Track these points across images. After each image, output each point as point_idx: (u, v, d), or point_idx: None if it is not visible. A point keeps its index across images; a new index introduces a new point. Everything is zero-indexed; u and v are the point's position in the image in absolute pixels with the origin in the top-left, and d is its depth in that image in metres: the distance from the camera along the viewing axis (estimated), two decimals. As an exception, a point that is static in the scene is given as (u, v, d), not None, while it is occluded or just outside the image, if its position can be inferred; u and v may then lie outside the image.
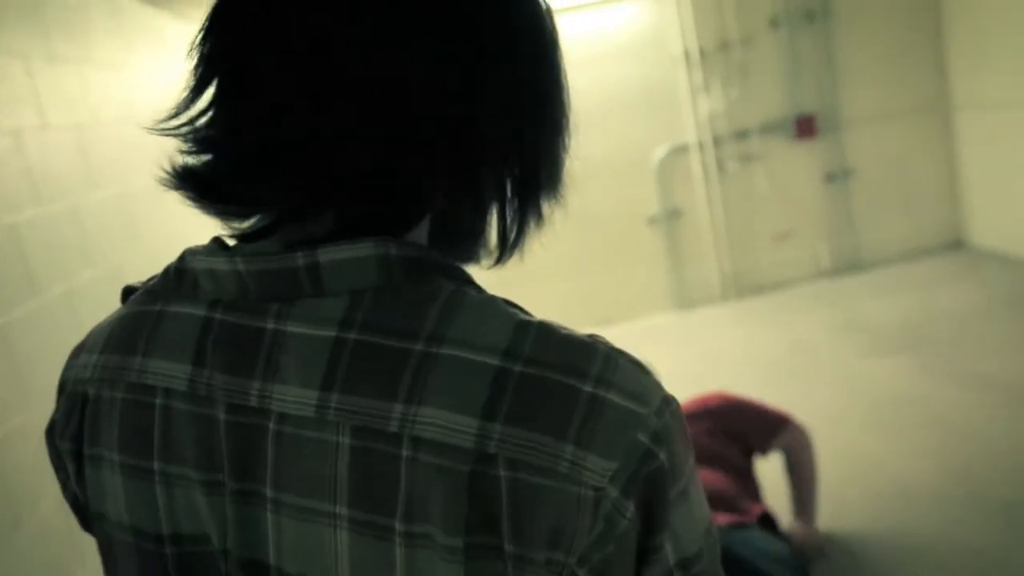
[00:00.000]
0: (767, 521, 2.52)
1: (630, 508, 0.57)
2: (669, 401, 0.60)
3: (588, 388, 0.58)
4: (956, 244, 5.66)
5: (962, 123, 5.48)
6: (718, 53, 5.27)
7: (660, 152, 5.39)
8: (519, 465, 0.56)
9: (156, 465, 0.66)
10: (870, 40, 5.39)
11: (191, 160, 0.65)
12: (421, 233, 0.68)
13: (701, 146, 5.37)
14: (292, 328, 0.62)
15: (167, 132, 0.66)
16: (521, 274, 5.31)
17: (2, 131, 1.99)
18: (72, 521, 0.81)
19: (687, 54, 5.25)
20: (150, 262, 2.76)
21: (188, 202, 0.65)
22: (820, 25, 5.32)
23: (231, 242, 0.67)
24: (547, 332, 0.61)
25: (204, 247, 0.67)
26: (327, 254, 0.61)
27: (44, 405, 0.86)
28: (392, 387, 0.58)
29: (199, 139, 0.65)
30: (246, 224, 0.66)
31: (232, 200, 0.64)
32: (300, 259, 0.61)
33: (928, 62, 5.47)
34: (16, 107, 2.10)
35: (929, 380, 3.84)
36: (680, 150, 5.40)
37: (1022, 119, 4.95)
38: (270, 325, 0.63)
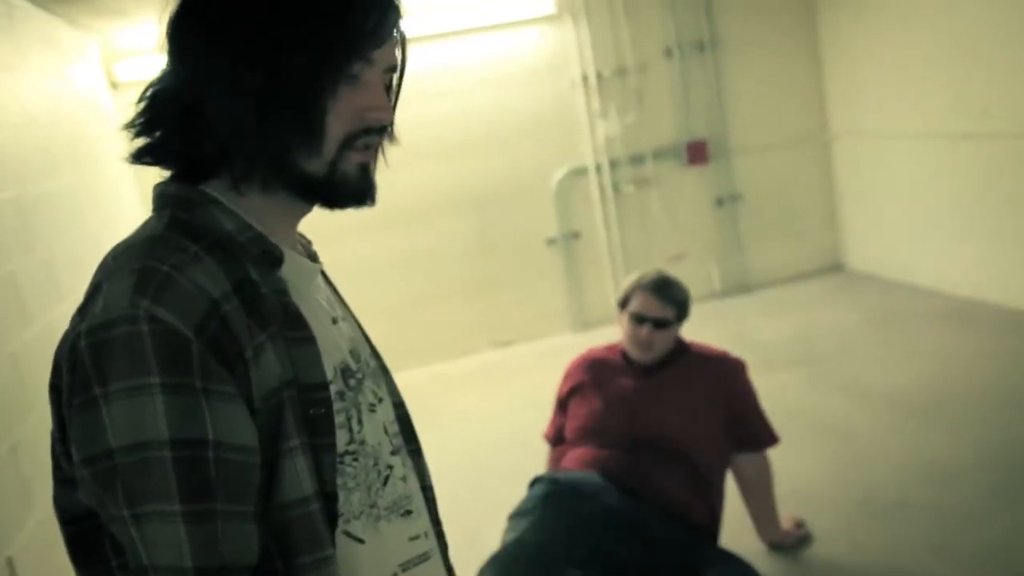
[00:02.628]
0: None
1: (66, 369, 0.84)
2: (104, 327, 0.82)
3: (101, 282, 0.86)
4: (836, 267, 5.98)
5: (839, 152, 5.82)
6: (615, 79, 5.45)
7: (559, 175, 5.51)
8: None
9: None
10: (756, 72, 5.67)
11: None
12: (224, 180, 0.93)
13: (598, 169, 5.52)
14: None
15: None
16: (422, 294, 5.34)
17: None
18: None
19: (585, 79, 5.40)
20: (44, 269, 2.64)
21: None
22: (710, 56, 5.57)
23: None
24: (119, 250, 0.90)
25: None
26: (154, 187, 0.95)
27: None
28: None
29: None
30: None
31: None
32: (153, 188, 0.95)
33: (809, 93, 5.80)
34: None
35: (817, 392, 4.04)
36: (578, 173, 5.54)
37: (892, 148, 5.31)
38: None
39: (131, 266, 0.83)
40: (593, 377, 2.71)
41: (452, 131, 5.24)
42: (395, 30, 0.94)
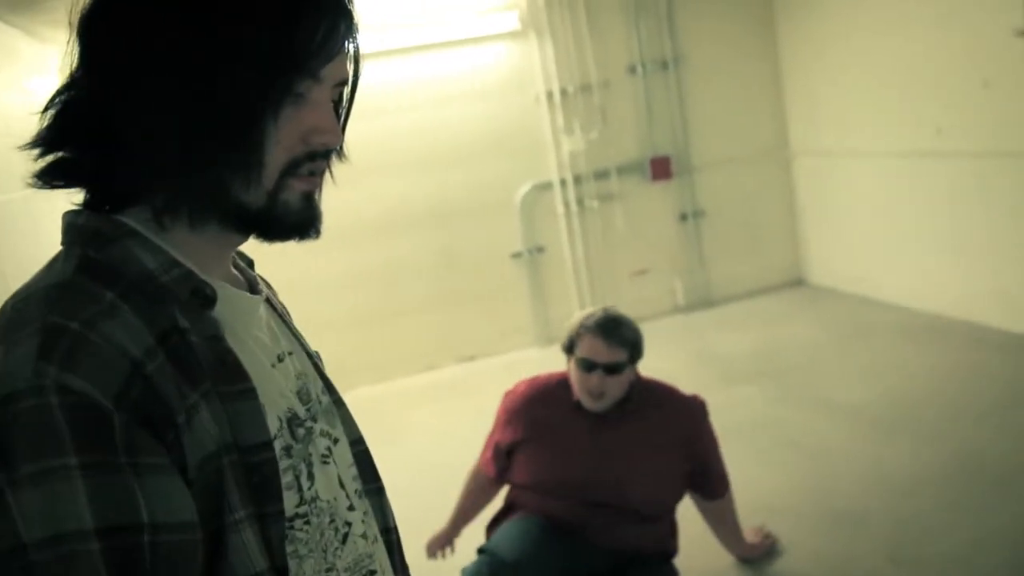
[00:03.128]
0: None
1: None
2: (4, 402, 0.67)
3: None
4: (797, 282, 6.05)
5: (799, 169, 5.90)
6: (579, 95, 5.48)
7: (523, 190, 5.52)
8: None
9: None
10: (718, 89, 5.74)
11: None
12: (145, 208, 0.80)
13: (563, 184, 5.54)
14: None
15: None
16: (385, 309, 5.29)
17: None
18: None
19: (549, 95, 5.42)
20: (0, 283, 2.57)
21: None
22: (673, 73, 5.62)
23: None
24: (19, 299, 0.75)
25: None
26: (63, 216, 0.81)
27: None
28: None
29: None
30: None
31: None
32: (63, 217, 0.82)
33: (770, 111, 5.88)
34: None
35: (780, 405, 4.07)
36: (543, 188, 5.55)
37: (850, 165, 5.39)
38: None
39: (33, 324, 0.69)
40: (541, 426, 2.46)
41: (417, 145, 5.23)
42: (348, 41, 0.82)
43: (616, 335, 2.38)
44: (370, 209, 5.07)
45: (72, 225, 0.80)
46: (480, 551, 2.37)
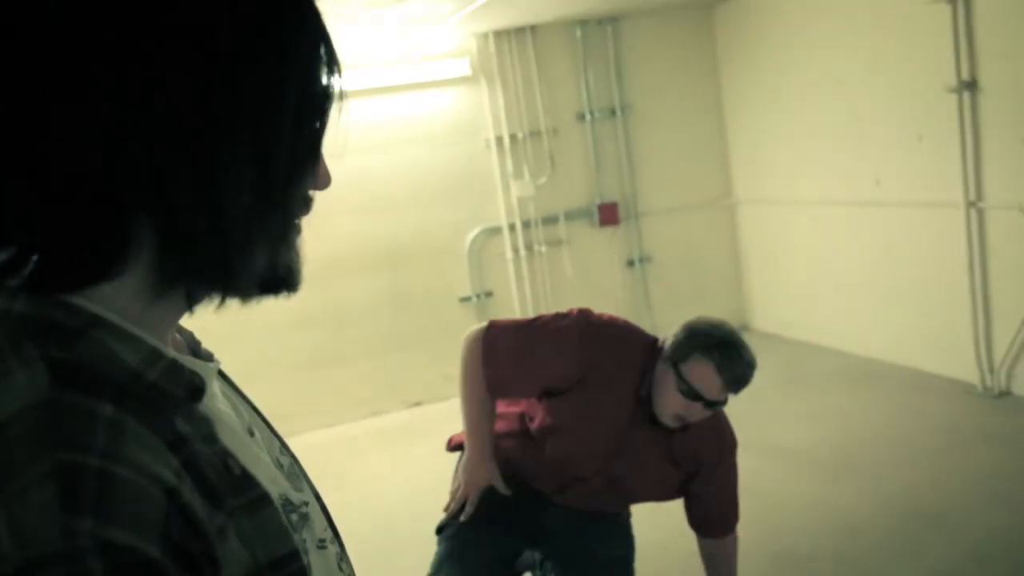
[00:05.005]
0: None
1: None
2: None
3: None
4: (741, 328, 6.14)
5: (743, 217, 6.03)
6: (529, 141, 5.54)
7: (472, 234, 5.53)
8: None
9: None
10: (665, 137, 5.86)
11: None
12: (136, 277, 0.61)
13: (512, 229, 5.57)
14: None
15: None
16: (331, 353, 5.19)
17: None
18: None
19: (499, 140, 5.48)
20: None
21: None
22: (621, 121, 5.73)
23: None
24: None
25: None
26: None
27: None
28: None
29: None
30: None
31: None
32: None
33: (714, 159, 6.01)
34: None
35: (726, 450, 4.10)
36: (492, 232, 5.57)
37: (792, 214, 5.52)
38: None
39: (36, 466, 0.52)
40: (596, 390, 2.18)
41: (367, 188, 5.23)
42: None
43: (738, 378, 2.09)
44: (318, 251, 5.01)
45: (5, 314, 0.59)
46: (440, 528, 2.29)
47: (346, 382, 5.28)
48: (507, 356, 2.23)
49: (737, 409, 4.49)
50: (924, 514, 3.22)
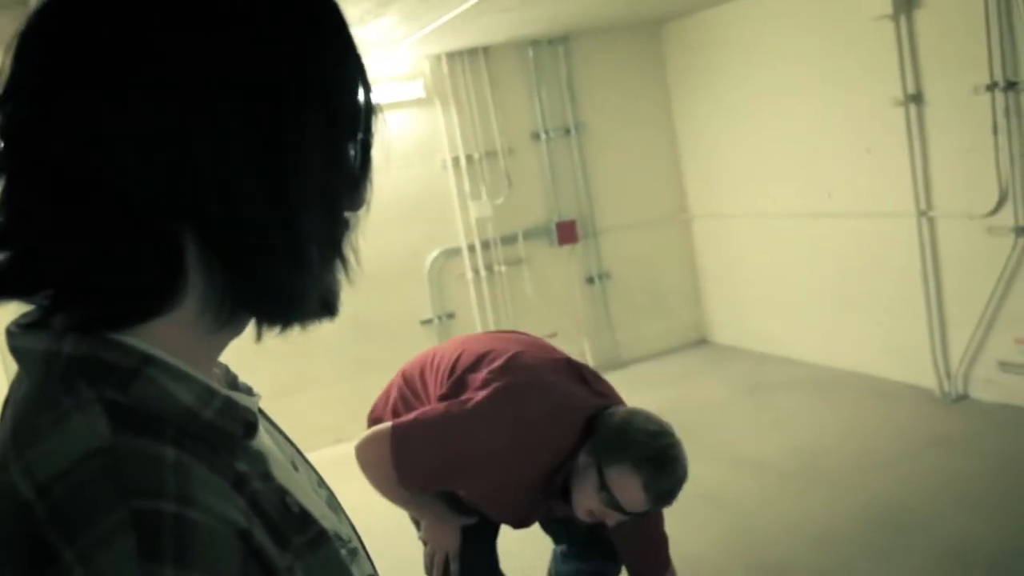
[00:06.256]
0: None
1: None
2: None
3: (58, 551, 0.51)
4: (701, 341, 6.20)
5: (698, 231, 6.10)
6: (485, 161, 5.54)
7: (432, 255, 5.51)
8: None
9: None
10: (619, 154, 5.91)
11: None
12: (189, 310, 0.60)
13: (471, 250, 5.56)
14: None
15: None
16: (291, 380, 5.11)
17: None
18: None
19: (456, 161, 5.47)
20: None
21: None
22: (575, 139, 5.77)
23: None
24: (42, 480, 0.53)
25: None
26: (16, 340, 0.59)
27: None
28: None
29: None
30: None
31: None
32: (11, 339, 0.59)
33: (668, 175, 6.08)
34: None
35: (693, 463, 4.08)
36: (451, 254, 5.56)
37: (746, 227, 5.60)
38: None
39: (111, 514, 0.50)
40: (507, 474, 2.02)
41: (323, 213, 5.17)
42: None
43: (663, 495, 1.95)
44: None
45: (54, 356, 0.57)
46: None
47: (307, 410, 5.20)
48: (425, 468, 2.00)
49: (700, 421, 4.56)
50: (894, 519, 3.26)
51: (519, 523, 2.25)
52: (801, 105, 4.92)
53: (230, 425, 0.61)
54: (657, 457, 1.91)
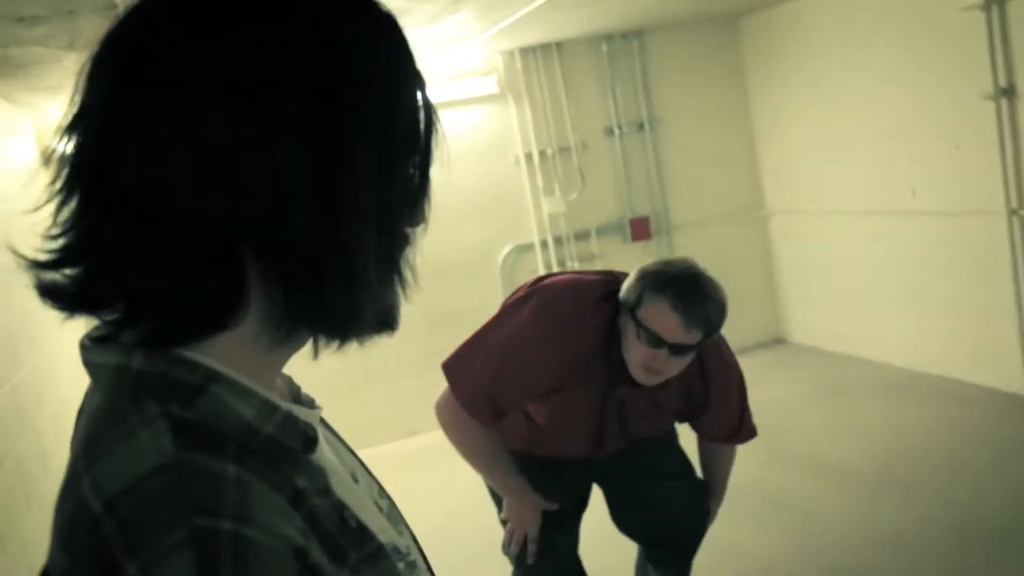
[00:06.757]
0: None
1: None
2: None
3: (114, 564, 0.52)
4: (778, 340, 6.07)
5: (776, 228, 5.97)
6: (558, 157, 5.53)
7: (505, 251, 5.52)
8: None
9: None
10: (694, 149, 5.82)
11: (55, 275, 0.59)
12: (250, 326, 0.60)
13: (544, 246, 5.55)
14: None
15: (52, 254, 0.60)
16: (367, 373, 5.18)
17: None
18: None
19: (529, 157, 5.47)
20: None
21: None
22: (649, 134, 5.70)
23: None
24: (110, 494, 0.55)
25: None
26: (89, 354, 0.61)
27: None
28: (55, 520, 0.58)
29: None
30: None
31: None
32: (84, 353, 0.61)
33: (745, 170, 5.96)
34: None
35: (766, 466, 4.04)
36: (524, 249, 5.56)
37: (826, 224, 5.46)
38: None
39: (172, 531, 0.52)
40: (579, 375, 2.04)
41: (397, 208, 5.23)
42: None
43: (699, 315, 1.91)
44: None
45: (124, 371, 0.59)
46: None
47: (382, 401, 5.28)
48: (480, 380, 2.06)
49: (774, 423, 4.47)
50: (975, 530, 3.14)
51: (595, 440, 2.20)
52: (884, 99, 4.77)
53: (290, 440, 0.62)
54: (677, 277, 1.94)
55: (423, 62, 0.66)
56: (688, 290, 1.91)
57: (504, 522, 2.27)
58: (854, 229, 5.24)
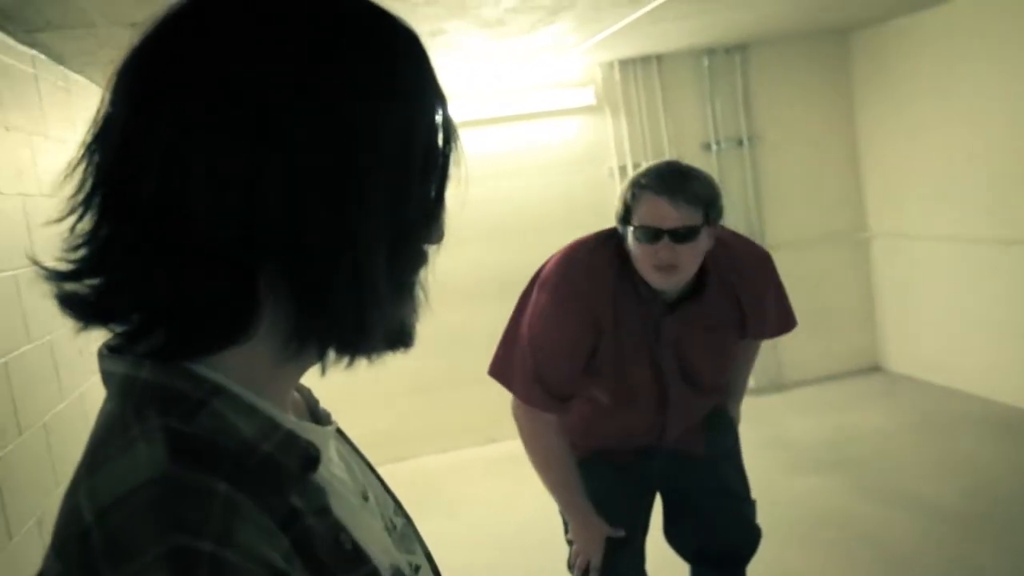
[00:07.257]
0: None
1: None
2: None
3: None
4: (874, 368, 5.85)
5: (878, 251, 5.76)
6: (652, 171, 5.47)
7: (593, 263, 5.49)
8: None
9: None
10: (793, 167, 5.68)
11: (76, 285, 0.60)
12: (262, 341, 0.60)
13: (633, 259, 5.50)
14: None
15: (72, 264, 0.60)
16: (448, 378, 5.18)
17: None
18: None
19: (623, 169, 5.44)
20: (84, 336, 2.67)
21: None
22: (748, 151, 5.59)
23: None
24: (104, 505, 0.55)
25: None
26: (104, 362, 0.62)
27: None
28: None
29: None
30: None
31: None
32: (100, 361, 0.62)
33: (847, 190, 5.78)
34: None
35: (851, 497, 3.90)
36: (613, 262, 5.52)
37: (932, 250, 5.24)
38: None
39: (151, 548, 0.51)
40: (612, 323, 2.00)
41: (487, 215, 5.27)
42: None
43: (685, 191, 1.87)
44: (433, 276, 5.09)
45: (132, 381, 0.59)
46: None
47: (460, 408, 5.31)
48: (526, 369, 2.06)
49: (865, 454, 4.31)
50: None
51: (660, 401, 2.14)
52: (998, 122, 4.55)
53: (287, 459, 0.61)
54: (653, 168, 1.96)
55: (520, 72, 0.66)
56: (668, 173, 1.92)
57: (570, 542, 2.27)
58: (963, 256, 5.01)
